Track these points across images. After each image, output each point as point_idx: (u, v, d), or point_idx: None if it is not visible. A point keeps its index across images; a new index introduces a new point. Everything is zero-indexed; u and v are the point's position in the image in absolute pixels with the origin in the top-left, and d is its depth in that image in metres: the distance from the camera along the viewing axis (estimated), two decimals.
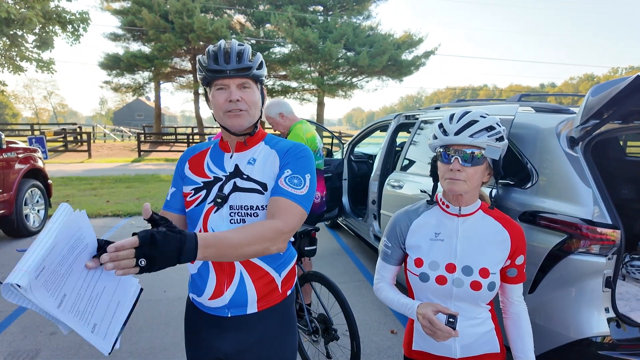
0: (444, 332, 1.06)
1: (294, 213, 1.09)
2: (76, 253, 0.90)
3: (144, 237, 0.82)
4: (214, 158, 1.25)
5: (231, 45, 1.13)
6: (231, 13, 22.45)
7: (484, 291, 1.17)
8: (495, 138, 1.14)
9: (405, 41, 20.91)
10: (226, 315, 1.20)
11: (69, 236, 0.87)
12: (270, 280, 1.21)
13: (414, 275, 1.23)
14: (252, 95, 1.16)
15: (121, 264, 0.79)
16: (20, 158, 5.12)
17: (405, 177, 3.41)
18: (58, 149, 18.02)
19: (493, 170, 1.20)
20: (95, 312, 0.92)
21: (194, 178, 1.24)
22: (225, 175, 1.20)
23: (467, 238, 1.21)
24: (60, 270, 0.85)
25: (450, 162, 1.15)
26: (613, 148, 3.57)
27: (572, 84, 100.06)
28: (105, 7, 22.18)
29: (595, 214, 1.81)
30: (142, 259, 0.81)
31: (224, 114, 1.15)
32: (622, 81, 1.55)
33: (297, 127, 3.04)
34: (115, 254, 0.79)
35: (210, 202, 1.18)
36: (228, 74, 1.11)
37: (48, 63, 14.77)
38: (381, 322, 3.16)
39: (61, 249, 0.85)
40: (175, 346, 2.75)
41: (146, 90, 25.42)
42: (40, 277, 0.79)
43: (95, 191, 8.63)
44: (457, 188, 1.15)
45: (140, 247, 0.81)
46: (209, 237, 0.92)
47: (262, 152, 1.23)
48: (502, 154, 1.20)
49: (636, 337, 1.83)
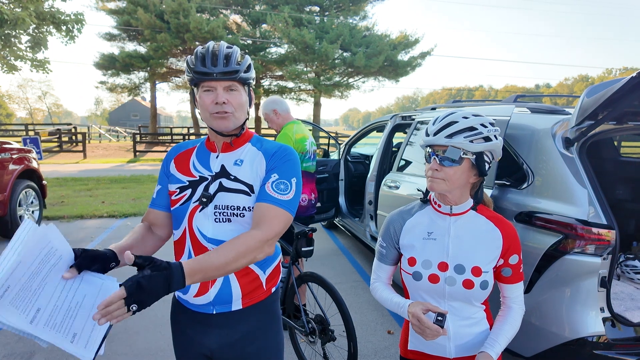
0: (432, 331, 1.08)
1: (279, 219, 1.13)
2: (49, 266, 0.91)
3: (130, 287, 0.85)
4: (200, 157, 1.27)
5: (219, 48, 1.14)
6: (227, 13, 22.36)
7: (476, 290, 1.18)
8: (476, 138, 1.14)
9: (402, 42, 20.94)
10: (211, 312, 1.22)
11: (37, 251, 0.88)
12: (255, 278, 1.24)
13: (407, 274, 1.25)
14: (238, 98, 1.17)
15: (113, 316, 0.83)
16: (15, 159, 5.08)
17: (402, 177, 3.41)
18: (53, 149, 17.89)
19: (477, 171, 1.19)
20: (75, 321, 0.92)
21: (179, 177, 1.25)
22: (211, 175, 1.22)
23: (459, 237, 1.22)
24: (32, 286, 0.86)
25: (430, 161, 1.20)
26: (608, 148, 3.60)
27: (567, 84, 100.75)
28: (100, 7, 22.04)
29: (591, 214, 1.82)
30: (133, 305, 0.85)
31: (210, 115, 1.16)
32: (616, 82, 1.56)
33: (288, 127, 3.03)
34: (106, 310, 0.83)
35: (196, 201, 1.19)
36: (215, 76, 1.12)
37: (43, 62, 14.65)
38: (378, 322, 3.16)
39: (29, 264, 0.86)
40: (171, 348, 2.74)
41: (142, 90, 25.27)
42: (6, 297, 0.80)
43: (91, 192, 8.58)
44: (436, 187, 1.18)
45: (128, 296, 0.84)
46: (194, 265, 0.96)
47: (248, 153, 1.24)
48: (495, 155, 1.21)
49: (631, 337, 1.84)
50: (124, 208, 6.88)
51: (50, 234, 0.93)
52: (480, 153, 1.16)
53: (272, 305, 1.31)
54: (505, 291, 1.26)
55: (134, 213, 6.62)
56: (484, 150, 1.16)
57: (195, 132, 23.61)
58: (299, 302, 2.43)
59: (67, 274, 0.94)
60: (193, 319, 1.24)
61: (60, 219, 6.22)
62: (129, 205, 7.21)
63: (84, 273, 0.99)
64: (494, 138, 1.17)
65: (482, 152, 1.16)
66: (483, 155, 1.17)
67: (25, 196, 5.31)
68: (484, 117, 1.18)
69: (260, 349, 1.27)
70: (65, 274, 0.94)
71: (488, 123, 1.18)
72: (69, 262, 0.97)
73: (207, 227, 1.18)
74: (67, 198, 7.79)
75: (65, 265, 0.96)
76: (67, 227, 5.80)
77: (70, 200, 7.56)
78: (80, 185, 9.35)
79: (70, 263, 0.97)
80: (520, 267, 1.24)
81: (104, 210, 6.67)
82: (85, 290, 0.97)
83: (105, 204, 7.32)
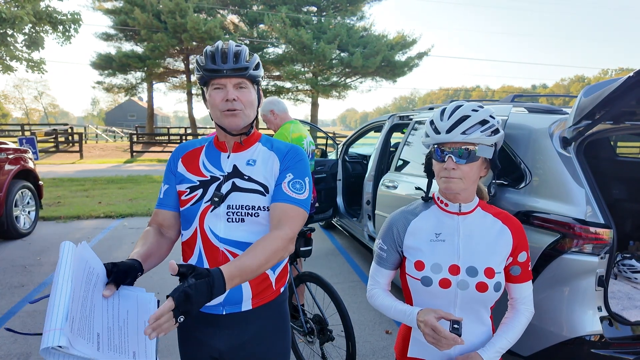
0: (448, 340, 0.99)
1: (298, 218, 1.15)
2: (92, 287, 0.89)
3: (178, 298, 0.83)
4: (210, 157, 1.26)
5: (229, 46, 1.15)
6: (224, 13, 22.34)
7: (490, 292, 1.11)
8: (490, 132, 1.10)
9: (399, 42, 20.97)
10: (221, 312, 1.20)
11: (81, 274, 0.86)
12: (265, 278, 1.23)
13: (414, 280, 1.16)
14: (248, 95, 1.17)
15: (162, 329, 0.82)
16: (11, 159, 5.05)
17: (400, 177, 3.42)
18: (49, 149, 17.79)
19: (490, 164, 1.16)
20: (129, 339, 0.91)
21: (189, 176, 1.23)
22: (223, 174, 1.21)
23: (469, 237, 1.15)
24: (85, 311, 0.85)
25: (444, 160, 1.11)
26: (604, 148, 3.62)
27: (563, 85, 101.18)
28: (97, 7, 21.95)
29: (588, 214, 1.82)
30: (180, 316, 0.84)
31: (220, 113, 1.16)
32: (613, 82, 1.57)
33: (285, 126, 3.04)
34: (157, 323, 0.82)
35: (207, 201, 1.18)
36: (225, 73, 1.13)
37: (38, 63, 14.59)
38: (376, 322, 3.16)
39: (79, 290, 0.84)
40: (175, 346, 2.72)
41: (139, 90, 25.19)
42: (74, 328, 0.78)
43: (87, 192, 8.54)
44: (454, 187, 1.11)
45: (176, 308, 0.83)
46: (232, 269, 0.95)
47: (260, 153, 1.24)
48: (499, 147, 1.17)
49: (629, 336, 1.85)
50: (120, 209, 6.85)
51: (87, 254, 0.92)
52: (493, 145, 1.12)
53: (281, 305, 1.31)
54: (513, 292, 1.19)
55: (130, 214, 6.60)
56: (496, 142, 1.12)
57: (192, 132, 23.55)
58: (298, 302, 2.42)
59: (107, 292, 0.94)
60: (201, 320, 1.22)
61: (57, 220, 6.19)
62: (125, 205, 7.18)
63: (120, 288, 0.99)
64: (501, 129, 1.14)
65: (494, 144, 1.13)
66: (495, 148, 1.13)
67: (22, 197, 5.28)
68: (487, 108, 1.14)
69: (270, 349, 1.26)
70: (105, 292, 0.93)
71: (492, 114, 1.14)
72: (104, 279, 0.96)
73: (219, 227, 1.17)
74: (63, 198, 7.75)
75: (101, 282, 0.94)
76: (63, 228, 5.77)
77: (67, 201, 7.52)
78: (76, 186, 9.30)
79: (104, 279, 0.97)
80: (528, 264, 1.18)
81: (100, 211, 6.64)
82: (125, 306, 0.96)
83: (102, 204, 7.28)
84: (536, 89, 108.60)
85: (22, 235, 5.18)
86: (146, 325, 0.96)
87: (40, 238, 5.23)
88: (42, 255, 4.54)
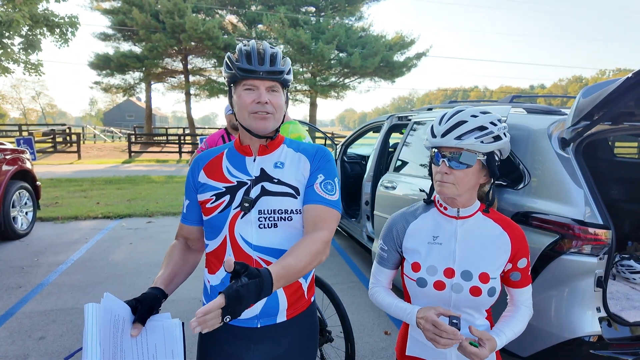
0: (448, 334, 1.01)
1: (333, 219, 1.12)
2: (119, 332, 0.93)
3: (230, 295, 0.80)
4: (234, 162, 1.20)
5: (264, 47, 1.12)
6: (223, 13, 22.33)
7: (484, 297, 1.12)
8: (489, 138, 1.08)
9: (397, 42, 21.01)
10: (255, 325, 1.15)
11: (108, 325, 0.90)
12: (298, 287, 1.19)
13: (410, 280, 1.18)
14: (279, 99, 1.14)
15: (207, 325, 0.79)
16: (8, 159, 5.03)
17: (399, 178, 3.41)
18: (47, 150, 17.75)
19: (489, 172, 1.14)
20: None
21: (213, 184, 1.18)
22: (251, 179, 1.16)
23: (466, 241, 1.16)
24: (117, 357, 0.90)
25: (439, 164, 1.12)
26: (603, 149, 3.62)
27: (561, 85, 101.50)
28: (95, 7, 21.92)
29: (587, 215, 1.82)
30: (227, 316, 0.80)
31: (249, 114, 1.11)
32: (612, 83, 1.56)
33: (284, 127, 3.03)
34: (203, 318, 0.78)
35: (236, 207, 1.13)
36: (260, 75, 1.09)
37: (36, 65, 14.54)
38: (375, 323, 3.15)
39: (107, 343, 0.88)
40: None
41: (137, 90, 25.17)
42: None
43: (85, 193, 8.51)
44: (446, 191, 1.11)
45: (226, 306, 0.80)
46: (280, 270, 0.92)
47: (287, 155, 1.21)
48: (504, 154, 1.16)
49: (627, 336, 1.85)
50: (119, 209, 6.83)
51: (110, 303, 0.93)
52: (490, 153, 1.10)
53: (312, 315, 1.27)
54: (513, 295, 1.21)
55: (129, 214, 6.58)
56: (495, 149, 1.10)
57: (190, 132, 23.52)
58: None
59: (134, 331, 0.96)
60: (234, 334, 1.16)
61: (55, 220, 6.17)
62: (124, 206, 7.16)
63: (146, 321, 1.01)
64: (504, 136, 1.11)
65: (493, 152, 1.11)
66: (494, 155, 1.11)
67: (19, 197, 5.26)
68: (492, 114, 1.12)
69: None
70: (132, 332, 0.96)
71: (497, 120, 1.11)
72: (130, 318, 0.98)
73: (251, 234, 1.12)
74: (61, 199, 7.72)
75: (127, 322, 0.97)
76: (61, 229, 5.75)
77: (65, 201, 7.49)
78: (74, 186, 9.27)
79: (131, 318, 0.98)
80: (528, 270, 1.19)
81: (98, 212, 6.62)
82: (153, 340, 0.99)
83: (100, 205, 7.26)
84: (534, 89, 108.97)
85: (20, 236, 5.16)
86: (174, 353, 1.01)
87: (37, 239, 5.21)
88: (40, 256, 4.52)
